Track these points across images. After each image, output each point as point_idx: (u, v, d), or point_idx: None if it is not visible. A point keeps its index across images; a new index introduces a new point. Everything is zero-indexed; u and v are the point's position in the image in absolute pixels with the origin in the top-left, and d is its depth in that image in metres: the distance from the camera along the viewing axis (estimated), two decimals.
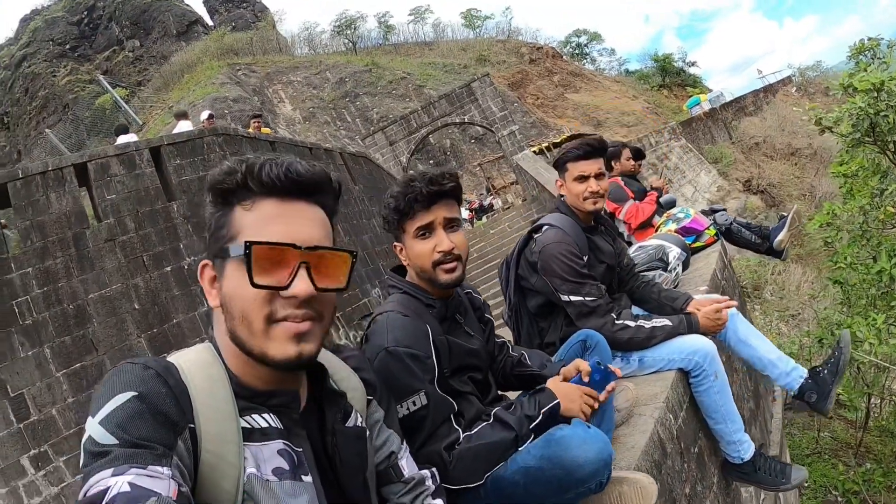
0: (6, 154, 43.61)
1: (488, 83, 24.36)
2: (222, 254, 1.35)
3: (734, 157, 41.33)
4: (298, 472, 1.35)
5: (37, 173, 8.92)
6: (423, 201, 2.33)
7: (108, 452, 1.08)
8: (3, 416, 7.75)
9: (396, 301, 2.43)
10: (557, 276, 3.43)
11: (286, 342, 1.31)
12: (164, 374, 1.25)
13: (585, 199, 3.63)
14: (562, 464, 2.11)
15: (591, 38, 70.74)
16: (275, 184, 1.34)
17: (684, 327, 3.40)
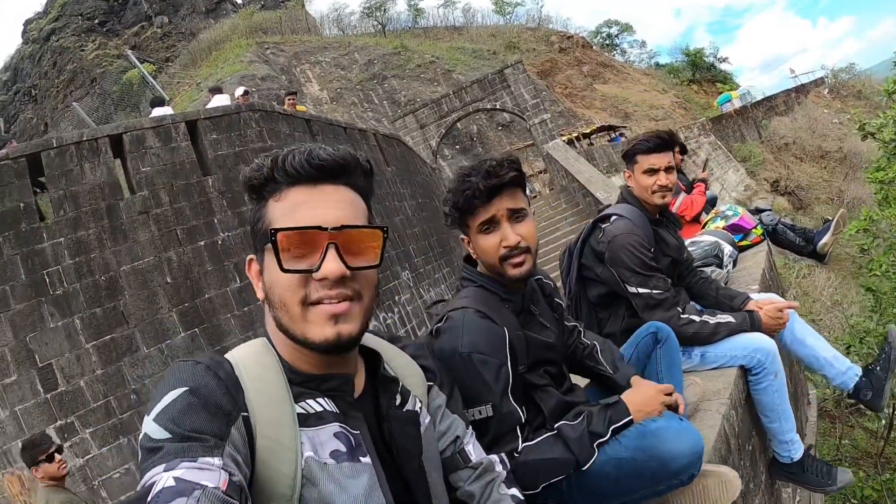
0: (33, 126, 43.86)
1: (521, 70, 24.16)
2: (259, 245, 1.40)
3: (763, 156, 40.92)
4: (356, 453, 1.35)
5: (71, 143, 8.85)
6: (482, 196, 2.21)
7: (161, 448, 1.10)
8: (30, 386, 7.76)
9: (472, 296, 2.33)
10: (626, 268, 3.37)
11: (324, 324, 1.33)
12: (214, 368, 1.28)
13: (654, 193, 3.60)
14: (658, 455, 2.10)
15: (622, 29, 70.08)
16: (299, 172, 1.36)
17: (747, 324, 3.38)
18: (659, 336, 2.84)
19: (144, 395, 8.30)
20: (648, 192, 3.60)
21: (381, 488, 1.35)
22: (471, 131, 39.64)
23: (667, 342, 2.82)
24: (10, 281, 7.92)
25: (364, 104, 40.54)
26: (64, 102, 42.66)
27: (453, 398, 1.80)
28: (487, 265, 2.34)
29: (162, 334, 8.63)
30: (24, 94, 46.65)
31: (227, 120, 10.20)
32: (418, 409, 1.58)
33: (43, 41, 46.57)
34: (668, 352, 2.79)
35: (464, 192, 2.23)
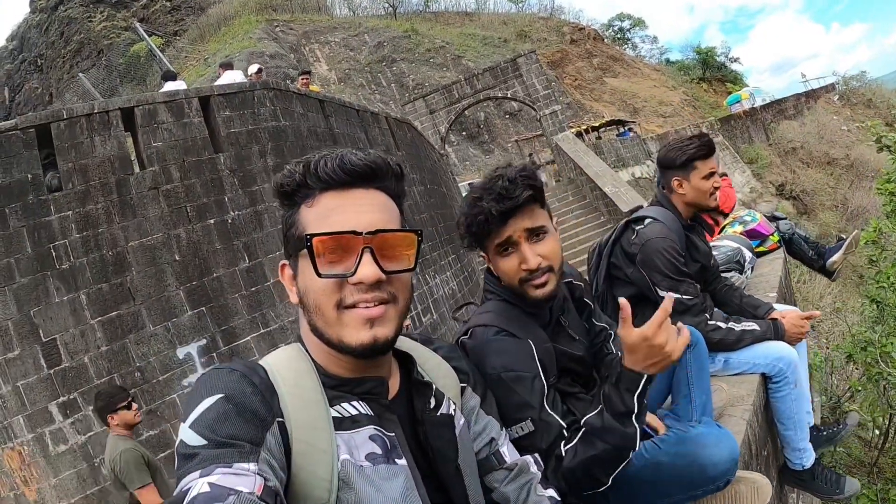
0: (38, 96, 43.74)
1: (534, 60, 24.08)
2: (293, 251, 1.40)
3: (770, 159, 41.05)
4: (392, 455, 1.35)
5: (82, 115, 8.67)
6: (495, 221, 2.08)
7: (197, 454, 1.11)
8: (33, 361, 7.66)
9: (495, 311, 2.24)
10: (658, 272, 3.37)
11: (359, 328, 1.33)
12: (249, 375, 1.29)
13: (711, 195, 3.60)
14: (698, 461, 2.12)
15: (635, 23, 69.91)
16: (331, 177, 1.36)
17: (771, 333, 3.44)
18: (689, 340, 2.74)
19: (149, 374, 8.22)
20: (706, 196, 3.60)
21: (417, 490, 1.34)
22: (478, 118, 39.61)
23: (697, 346, 2.76)
24: (15, 254, 7.79)
25: (372, 86, 40.50)
26: (70, 73, 42.53)
27: (487, 400, 1.79)
28: (509, 287, 2.23)
29: (168, 312, 8.52)
30: (29, 64, 46.46)
31: (241, 97, 10.05)
32: (452, 412, 1.57)
33: (51, 11, 46.34)
34: (697, 356, 2.73)
35: (476, 217, 2.09)
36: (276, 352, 1.46)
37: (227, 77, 11.87)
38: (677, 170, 3.65)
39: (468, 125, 39.16)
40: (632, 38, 70.43)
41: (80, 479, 7.55)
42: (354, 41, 44.09)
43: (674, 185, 3.68)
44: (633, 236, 3.53)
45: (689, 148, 3.61)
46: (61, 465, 7.52)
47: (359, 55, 42.84)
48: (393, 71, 42.08)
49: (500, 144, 38.59)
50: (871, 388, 5.88)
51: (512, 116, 40.30)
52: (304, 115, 11.13)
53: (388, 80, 41.41)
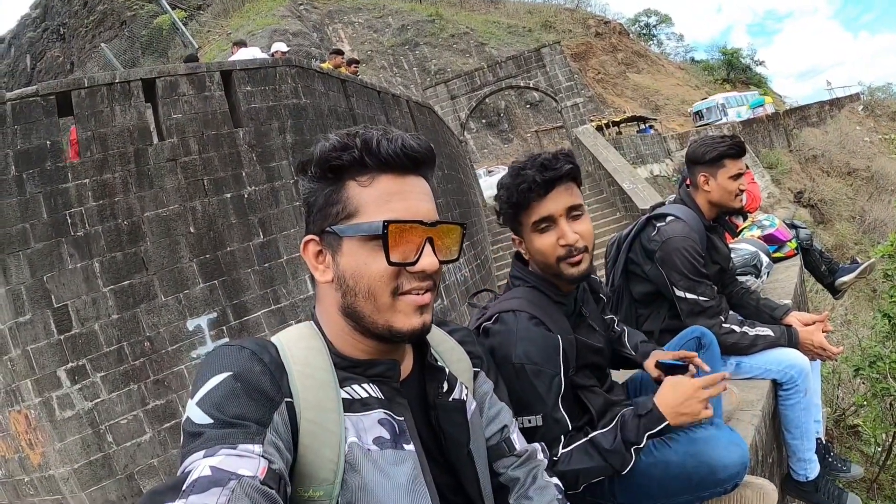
0: (59, 65, 43.75)
1: (558, 51, 23.98)
2: (339, 231, 1.34)
3: (790, 165, 40.74)
4: (400, 440, 1.35)
5: (103, 84, 8.67)
6: (539, 190, 2.13)
7: (202, 433, 1.10)
8: (44, 326, 7.69)
9: (524, 297, 2.26)
10: (677, 271, 3.35)
11: (411, 314, 1.34)
12: (259, 353, 1.28)
13: (737, 196, 3.58)
14: (708, 462, 2.10)
15: (661, 20, 69.64)
16: (392, 159, 1.34)
17: (785, 340, 3.40)
18: (703, 341, 2.80)
19: (158, 344, 8.25)
20: (732, 197, 3.57)
21: (424, 476, 1.34)
22: (498, 107, 39.52)
23: (710, 348, 2.78)
24: (31, 219, 7.81)
25: (394, 69, 40.45)
26: (92, 43, 42.49)
27: (499, 386, 1.79)
28: (543, 265, 2.26)
29: (181, 283, 8.55)
30: (52, 33, 46.47)
31: (263, 73, 10.02)
32: (465, 398, 1.57)
33: None
34: (710, 358, 2.71)
35: (518, 186, 2.15)
36: (288, 329, 1.45)
37: (241, 54, 11.82)
38: (705, 165, 3.61)
39: (488, 113, 39.08)
40: (657, 34, 70.26)
41: (84, 445, 7.58)
42: (378, 23, 44.00)
43: (700, 182, 3.64)
44: (654, 233, 3.51)
45: (720, 145, 3.57)
46: (67, 430, 7.55)
47: (382, 37, 42.76)
48: (415, 55, 42.00)
49: (519, 134, 38.49)
50: (877, 403, 5.85)
51: (532, 107, 40.16)
52: (326, 95, 11.09)
53: (411, 63, 41.34)
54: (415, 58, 41.83)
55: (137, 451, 7.85)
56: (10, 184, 7.77)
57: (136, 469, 7.79)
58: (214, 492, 0.97)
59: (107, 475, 7.62)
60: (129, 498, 7.64)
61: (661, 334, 3.47)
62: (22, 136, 7.93)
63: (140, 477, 7.78)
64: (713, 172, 3.57)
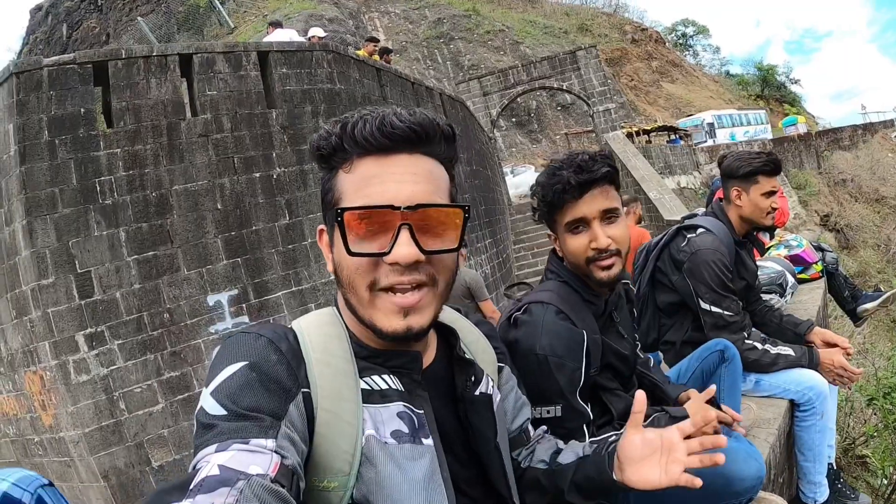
0: (95, 35, 44.05)
1: (594, 55, 24.03)
2: (328, 220, 1.33)
3: (818, 188, 40.31)
4: (418, 434, 1.30)
5: (140, 56, 8.77)
6: (574, 191, 2.11)
7: (215, 426, 1.07)
8: (66, 291, 7.78)
9: (555, 292, 2.26)
10: (704, 283, 3.34)
11: (391, 315, 1.25)
12: (275, 341, 1.24)
13: (768, 214, 3.55)
14: (724, 474, 2.06)
15: (699, 30, 69.26)
16: (369, 141, 1.24)
17: (805, 360, 3.38)
18: (726, 355, 2.85)
19: (178, 317, 8.33)
20: (763, 214, 3.54)
21: (441, 472, 1.30)
22: (529, 107, 39.47)
23: (732, 362, 2.82)
24: (60, 184, 7.90)
25: (427, 61, 40.47)
26: (129, 16, 42.77)
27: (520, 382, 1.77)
28: (573, 266, 2.26)
29: (204, 258, 8.62)
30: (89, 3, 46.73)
31: (299, 56, 10.08)
32: (491, 392, 1.51)
33: None
34: (731, 372, 2.78)
35: (553, 187, 2.14)
36: (309, 315, 1.40)
37: (276, 35, 11.89)
38: (738, 180, 3.60)
39: (519, 112, 39.03)
40: (694, 45, 69.85)
41: (97, 409, 7.68)
42: (415, 14, 44.05)
43: (732, 196, 3.62)
44: (684, 243, 3.50)
45: (755, 160, 3.55)
46: (81, 394, 7.64)
47: (417, 29, 42.80)
48: (450, 49, 42.00)
49: (548, 135, 38.43)
50: (888, 435, 5.80)
51: (564, 109, 40.08)
52: (360, 82, 11.13)
53: (444, 57, 41.35)
54: (449, 52, 41.84)
55: (149, 421, 7.93)
56: (42, 148, 7.87)
57: (146, 438, 7.87)
58: (222, 492, 0.95)
59: (116, 441, 7.71)
60: (136, 466, 7.74)
61: (683, 346, 3.47)
62: (57, 102, 8.02)
63: (149, 446, 7.87)
64: (746, 188, 3.55)
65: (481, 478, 1.46)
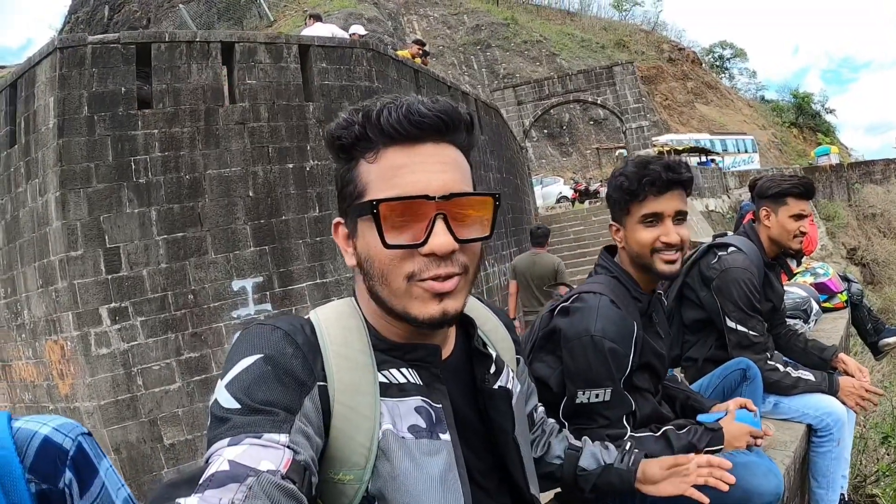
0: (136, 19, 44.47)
1: (630, 71, 23.95)
2: (352, 212, 1.26)
3: (847, 220, 39.85)
4: (436, 429, 1.28)
5: (183, 41, 8.94)
6: (658, 187, 2.24)
7: (229, 419, 1.06)
8: (93, 264, 7.92)
9: (606, 284, 2.36)
10: (732, 301, 3.32)
11: (428, 302, 1.21)
12: (291, 334, 1.23)
13: (795, 237, 3.53)
14: (743, 487, 2.08)
15: (736, 53, 68.95)
16: (397, 130, 1.19)
17: (826, 386, 3.36)
18: (748, 374, 2.88)
19: (202, 299, 8.43)
20: (790, 237, 3.53)
21: (457, 469, 1.28)
22: (562, 119, 39.42)
23: (754, 381, 2.85)
24: (96, 160, 8.04)
25: (462, 67, 40.53)
26: (170, 2, 43.13)
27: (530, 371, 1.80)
28: (636, 255, 2.34)
29: (232, 244, 8.72)
30: None
31: (339, 52, 10.16)
32: (510, 385, 1.49)
33: None
34: (753, 391, 2.79)
35: (642, 178, 2.24)
36: (327, 306, 1.38)
37: (317, 28, 11.90)
38: (768, 200, 3.60)
39: (551, 124, 39.01)
40: (730, 68, 69.52)
41: (114, 383, 7.80)
42: (453, 20, 44.16)
43: (761, 215, 3.63)
44: (714, 261, 3.49)
45: (785, 182, 3.56)
46: (99, 367, 7.76)
47: (455, 34, 42.91)
48: (486, 56, 42.08)
49: (579, 149, 38.37)
50: None
51: (596, 123, 40.00)
52: (398, 82, 11.20)
53: (480, 64, 41.42)
54: (485, 59, 41.91)
55: (164, 398, 8.03)
56: (80, 123, 8.01)
57: (160, 415, 7.97)
58: (231, 487, 0.94)
59: (131, 416, 7.82)
60: (147, 442, 7.84)
61: (705, 363, 3.46)
62: (98, 79, 8.17)
63: (163, 423, 7.97)
64: (775, 208, 3.56)
65: (497, 469, 1.45)
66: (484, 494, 1.38)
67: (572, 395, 2.21)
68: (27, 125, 8.47)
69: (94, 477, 1.25)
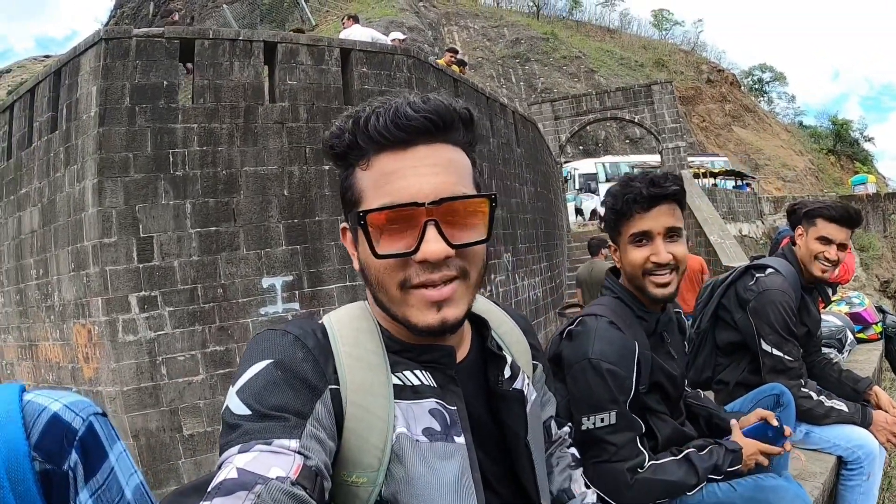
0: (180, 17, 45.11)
1: (669, 91, 23.78)
2: (350, 220, 1.27)
3: (882, 252, 39.21)
4: (450, 432, 1.26)
5: (227, 39, 9.05)
6: (643, 203, 2.19)
7: (240, 426, 1.06)
8: (126, 252, 8.01)
9: (608, 306, 2.34)
10: (768, 324, 3.28)
11: (426, 310, 1.20)
12: (302, 338, 1.22)
13: (816, 261, 3.46)
14: None
15: (775, 77, 68.55)
16: (384, 136, 1.17)
17: (858, 418, 3.31)
18: (781, 400, 2.83)
19: (231, 293, 8.50)
20: (811, 259, 3.47)
21: (472, 473, 1.26)
22: (598, 136, 39.32)
23: (787, 408, 2.79)
24: (135, 150, 8.15)
25: (501, 79, 40.61)
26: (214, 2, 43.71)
27: (549, 376, 1.72)
28: (630, 277, 2.32)
29: (265, 241, 8.77)
30: None
31: (380, 58, 10.23)
32: (524, 388, 1.46)
33: None
34: (786, 417, 2.72)
35: (625, 196, 2.21)
36: (341, 309, 1.38)
37: (355, 30, 11.93)
38: (802, 220, 3.57)
39: (587, 140, 38.91)
40: (769, 91, 69.11)
41: (139, 370, 7.87)
42: (493, 32, 44.30)
43: (797, 235, 3.60)
44: (752, 282, 3.45)
45: (819, 203, 3.54)
46: (125, 353, 7.84)
47: (494, 46, 43.02)
48: (525, 70, 42.14)
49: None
50: None
51: (633, 143, 39.81)
52: (437, 90, 11.17)
53: (518, 77, 41.49)
54: (523, 72, 41.97)
55: (187, 389, 8.09)
56: (122, 113, 8.13)
57: (182, 406, 8.03)
58: (240, 495, 0.94)
59: (152, 404, 7.88)
60: (167, 431, 7.90)
61: (736, 387, 3.41)
62: (141, 71, 8.29)
63: (183, 414, 8.03)
64: (806, 229, 3.52)
65: (512, 476, 1.42)
66: (498, 500, 1.36)
67: (577, 422, 2.14)
68: (69, 112, 8.60)
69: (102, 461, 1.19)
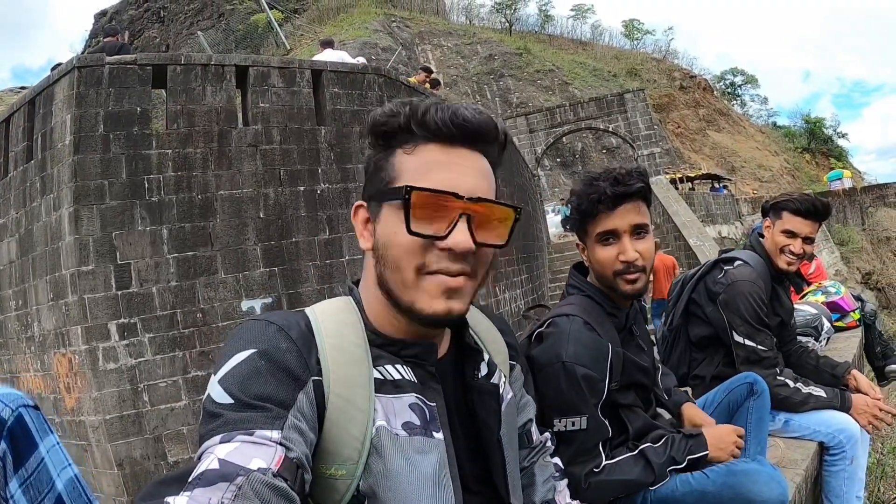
0: (155, 45, 45.28)
1: (641, 98, 24.05)
2: (379, 196, 1.30)
3: (861, 244, 39.62)
4: (430, 427, 1.28)
5: (198, 64, 9.04)
6: (608, 202, 2.18)
7: (221, 415, 1.06)
8: (104, 280, 7.97)
9: (579, 305, 2.32)
10: (739, 315, 3.30)
11: (436, 296, 1.24)
12: (286, 329, 1.23)
13: (782, 254, 3.50)
14: (745, 496, 2.12)
15: (747, 80, 69.04)
16: (440, 128, 1.25)
17: (837, 402, 3.33)
18: (755, 388, 2.79)
19: (210, 318, 8.45)
20: (777, 252, 3.50)
21: (450, 469, 1.29)
22: (575, 148, 39.52)
23: (761, 396, 2.77)
24: (110, 177, 8.12)
25: (476, 96, 40.80)
26: (189, 30, 43.95)
27: (528, 379, 1.76)
28: (600, 276, 2.31)
29: (242, 264, 8.75)
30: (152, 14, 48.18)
31: (351, 78, 10.28)
32: (501, 384, 1.50)
33: None
34: (760, 406, 2.74)
35: (589, 196, 2.20)
36: (324, 302, 1.39)
37: (327, 54, 12.02)
38: (769, 212, 3.61)
39: (564, 152, 39.09)
40: (742, 94, 69.61)
41: (120, 398, 7.81)
42: (467, 49, 44.54)
43: (764, 227, 3.63)
44: (720, 275, 3.48)
45: (787, 197, 3.56)
46: (106, 381, 7.78)
47: (468, 63, 43.24)
48: (499, 85, 42.35)
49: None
50: None
51: (609, 152, 40.00)
52: None
53: (493, 93, 41.69)
54: (498, 88, 42.18)
55: (170, 416, 8.04)
56: (96, 141, 8.11)
57: (165, 432, 7.97)
58: (220, 486, 0.94)
59: (136, 432, 7.82)
60: (151, 458, 7.83)
61: (712, 380, 3.38)
62: (115, 99, 8.28)
63: (167, 441, 7.97)
64: (773, 221, 3.55)
65: (488, 475, 1.44)
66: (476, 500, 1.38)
67: (548, 423, 2.12)
68: (44, 141, 8.59)
69: (31, 452, 1.22)
